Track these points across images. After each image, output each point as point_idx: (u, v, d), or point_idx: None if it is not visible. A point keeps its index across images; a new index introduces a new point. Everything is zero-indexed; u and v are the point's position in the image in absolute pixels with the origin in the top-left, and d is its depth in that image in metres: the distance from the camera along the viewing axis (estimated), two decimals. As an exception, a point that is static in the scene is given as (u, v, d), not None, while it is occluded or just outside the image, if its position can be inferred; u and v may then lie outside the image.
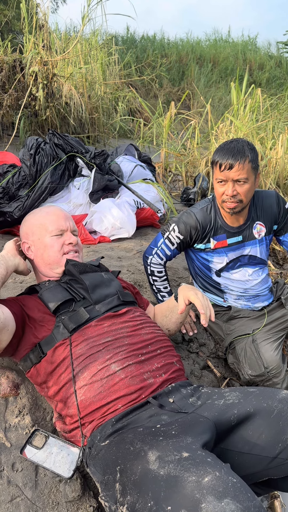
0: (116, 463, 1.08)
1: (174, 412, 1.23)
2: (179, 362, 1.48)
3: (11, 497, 1.25)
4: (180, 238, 1.98)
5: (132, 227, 3.01)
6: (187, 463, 0.95)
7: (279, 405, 1.20)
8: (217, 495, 0.86)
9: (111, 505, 1.03)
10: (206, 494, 0.86)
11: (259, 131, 4.71)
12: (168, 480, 0.93)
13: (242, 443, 1.19)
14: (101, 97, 5.68)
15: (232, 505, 0.83)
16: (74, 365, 1.32)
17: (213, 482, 0.89)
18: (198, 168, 4.46)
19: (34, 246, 1.60)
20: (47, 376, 1.37)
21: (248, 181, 1.80)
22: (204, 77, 10.40)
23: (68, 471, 1.23)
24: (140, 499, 0.95)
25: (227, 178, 1.79)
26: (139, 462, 1.02)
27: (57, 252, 1.58)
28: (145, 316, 1.56)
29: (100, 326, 1.41)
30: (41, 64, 4.40)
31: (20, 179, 2.96)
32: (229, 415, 1.21)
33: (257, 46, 13.32)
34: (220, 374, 2.07)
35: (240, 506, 0.84)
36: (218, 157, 1.80)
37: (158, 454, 1.00)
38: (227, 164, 1.76)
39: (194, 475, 0.91)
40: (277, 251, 3.48)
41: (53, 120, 4.74)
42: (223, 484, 0.88)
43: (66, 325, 1.39)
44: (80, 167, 3.16)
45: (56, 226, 1.60)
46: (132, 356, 1.34)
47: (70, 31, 8.04)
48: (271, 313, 2.07)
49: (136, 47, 10.70)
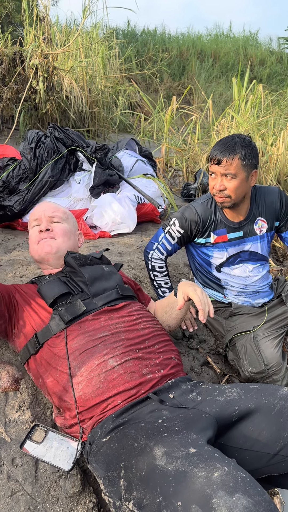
0: (120, 459, 1.07)
1: (175, 407, 1.23)
2: (177, 356, 1.47)
3: (11, 492, 1.24)
4: (181, 233, 1.98)
5: (133, 222, 3.00)
6: (195, 458, 0.95)
7: (280, 402, 1.20)
8: (228, 490, 0.86)
9: (116, 501, 1.03)
10: (217, 489, 0.86)
11: (260, 127, 4.69)
12: (176, 475, 0.93)
13: (243, 440, 1.19)
14: (102, 91, 5.64)
15: (244, 499, 0.83)
16: (71, 359, 1.32)
17: (223, 477, 0.89)
18: (199, 164, 4.44)
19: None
20: (44, 368, 1.37)
21: (237, 178, 1.81)
22: (205, 72, 10.35)
23: (67, 464, 1.23)
24: (147, 494, 0.95)
25: (217, 172, 1.83)
26: (145, 458, 1.01)
27: (34, 243, 1.60)
28: (143, 311, 1.55)
29: (96, 321, 1.40)
30: (41, 57, 4.36)
31: (20, 173, 2.94)
32: (230, 411, 1.21)
33: (258, 42, 13.24)
34: (220, 371, 2.07)
35: (251, 501, 0.84)
36: (212, 151, 1.84)
37: (165, 450, 1.00)
38: (216, 159, 1.80)
39: (203, 471, 0.91)
40: (277, 248, 3.47)
41: (53, 113, 4.71)
42: (233, 479, 0.88)
43: (62, 316, 1.39)
44: (80, 161, 3.14)
45: (32, 217, 1.62)
46: (129, 352, 1.33)
47: (70, 24, 7.97)
48: (271, 310, 2.07)
49: (137, 41, 10.62)
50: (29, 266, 2.25)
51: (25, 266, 2.29)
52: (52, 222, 1.63)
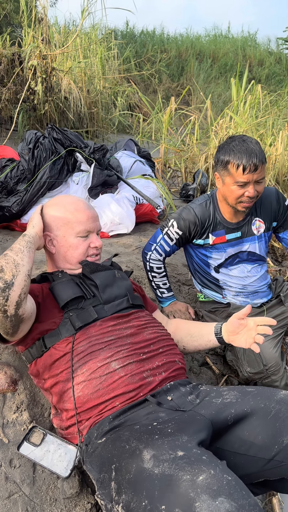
0: (112, 461, 1.07)
1: (172, 410, 1.23)
2: (182, 360, 1.47)
3: (9, 494, 1.24)
4: (179, 234, 1.97)
5: (131, 223, 2.99)
6: (182, 461, 0.94)
7: (277, 406, 1.19)
8: (211, 493, 0.85)
9: (107, 504, 1.03)
10: (201, 492, 0.85)
11: (258, 127, 4.69)
12: (162, 479, 0.92)
13: (238, 444, 1.18)
14: (100, 91, 5.64)
15: (227, 503, 0.83)
16: (74, 361, 1.31)
17: (208, 480, 0.88)
18: (198, 164, 4.44)
19: (57, 242, 1.56)
20: (46, 368, 1.36)
21: (264, 179, 1.80)
22: (204, 73, 10.35)
23: (65, 470, 1.22)
24: (134, 498, 0.95)
25: (250, 180, 1.76)
26: (134, 461, 1.01)
27: (81, 254, 1.55)
28: (150, 317, 1.55)
29: (104, 325, 1.40)
30: (40, 58, 4.36)
31: (19, 174, 2.94)
32: (226, 414, 1.21)
33: (257, 42, 13.25)
34: (218, 371, 2.07)
35: (234, 505, 0.83)
36: (238, 160, 1.73)
37: (153, 453, 1.00)
38: (252, 167, 1.72)
39: (189, 474, 0.90)
40: (276, 248, 3.47)
41: (51, 114, 4.71)
42: (218, 482, 0.87)
43: (73, 323, 1.38)
44: (79, 162, 3.14)
45: (84, 227, 1.55)
46: (133, 355, 1.33)
47: (69, 25, 7.97)
48: (270, 310, 2.07)
49: (135, 42, 10.63)
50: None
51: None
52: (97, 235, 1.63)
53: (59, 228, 1.55)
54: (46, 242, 1.58)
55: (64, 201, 1.61)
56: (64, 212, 1.56)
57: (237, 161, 1.73)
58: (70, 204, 1.59)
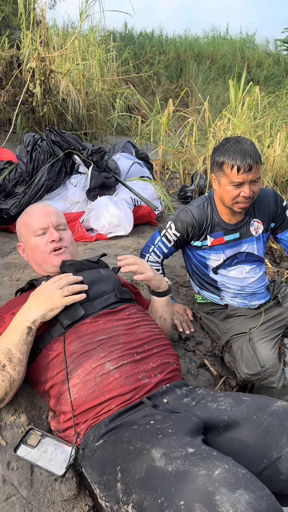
0: (116, 463, 1.07)
1: (168, 412, 1.23)
2: (176, 361, 1.46)
3: (6, 496, 1.24)
4: (177, 236, 1.98)
5: (129, 225, 3.00)
6: (195, 458, 0.96)
7: (269, 419, 1.16)
8: (230, 486, 0.86)
9: (113, 505, 1.03)
10: (219, 486, 0.87)
11: (257, 129, 4.70)
12: (177, 475, 0.93)
13: (228, 454, 1.17)
14: (99, 93, 5.65)
15: (246, 495, 0.85)
16: (68, 362, 1.31)
17: (224, 474, 0.89)
18: (196, 166, 4.45)
19: (26, 249, 1.60)
20: (41, 371, 1.36)
21: (259, 180, 1.81)
22: (202, 74, 10.37)
23: (60, 468, 1.23)
24: (148, 496, 0.95)
25: (245, 180, 1.77)
26: (143, 461, 1.01)
27: (43, 252, 1.55)
28: (142, 314, 1.54)
29: (95, 323, 1.39)
30: (38, 60, 4.37)
31: (17, 176, 2.94)
32: (219, 421, 1.20)
33: (255, 44, 13.29)
34: (216, 373, 2.07)
35: (253, 496, 0.85)
36: (233, 160, 1.75)
37: (163, 451, 1.00)
38: (246, 167, 1.74)
39: (204, 469, 0.92)
40: (274, 249, 3.48)
41: (50, 116, 4.72)
42: (234, 476, 0.89)
43: (61, 321, 1.38)
44: (77, 164, 3.14)
45: (38, 225, 1.56)
46: (127, 355, 1.32)
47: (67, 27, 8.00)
48: (268, 312, 2.07)
49: (134, 43, 10.65)
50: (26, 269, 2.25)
51: (22, 269, 2.30)
52: (59, 230, 1.60)
53: (23, 234, 1.61)
54: (21, 254, 1.63)
55: (27, 209, 1.67)
56: (24, 218, 1.62)
57: (231, 162, 1.75)
58: (28, 210, 1.64)
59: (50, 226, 1.57)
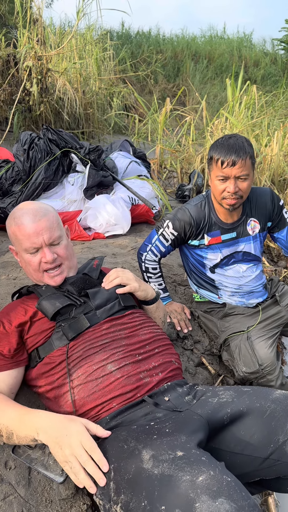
0: (110, 461, 1.07)
1: (169, 410, 1.23)
2: (178, 360, 1.46)
3: (4, 495, 1.24)
4: (175, 235, 1.98)
5: (127, 224, 3.00)
6: (182, 462, 0.94)
7: (272, 405, 1.19)
8: (211, 494, 0.85)
9: (105, 504, 1.02)
10: (200, 493, 0.85)
11: (254, 128, 4.71)
12: (162, 479, 0.92)
13: (234, 443, 1.19)
14: (96, 92, 5.65)
15: (226, 504, 0.83)
16: (70, 366, 1.30)
17: (208, 481, 0.88)
18: (193, 165, 4.45)
19: (19, 257, 1.53)
20: (42, 376, 1.35)
21: (249, 177, 1.80)
22: (199, 74, 10.39)
23: (60, 474, 1.21)
24: (134, 498, 0.94)
25: (229, 175, 1.78)
26: (133, 461, 1.01)
27: (36, 271, 1.48)
28: (145, 317, 1.54)
29: (98, 329, 1.38)
30: (35, 59, 4.36)
31: (14, 175, 2.93)
32: (222, 414, 1.21)
33: (253, 43, 13.32)
34: (214, 371, 2.07)
35: (234, 506, 0.83)
36: (219, 154, 1.77)
37: (152, 453, 1.00)
38: (230, 161, 1.74)
39: (189, 474, 0.90)
40: (272, 248, 3.48)
41: (47, 115, 4.71)
42: (218, 483, 0.88)
43: (65, 333, 1.36)
44: (74, 163, 3.14)
45: (29, 244, 1.43)
46: (129, 356, 1.32)
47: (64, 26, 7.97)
48: (265, 310, 2.07)
49: (131, 42, 10.64)
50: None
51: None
52: (53, 245, 1.48)
53: (14, 243, 1.51)
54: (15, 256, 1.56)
55: (17, 213, 1.48)
56: (14, 226, 1.46)
57: (217, 156, 1.78)
58: (19, 217, 1.45)
59: (43, 245, 1.44)
